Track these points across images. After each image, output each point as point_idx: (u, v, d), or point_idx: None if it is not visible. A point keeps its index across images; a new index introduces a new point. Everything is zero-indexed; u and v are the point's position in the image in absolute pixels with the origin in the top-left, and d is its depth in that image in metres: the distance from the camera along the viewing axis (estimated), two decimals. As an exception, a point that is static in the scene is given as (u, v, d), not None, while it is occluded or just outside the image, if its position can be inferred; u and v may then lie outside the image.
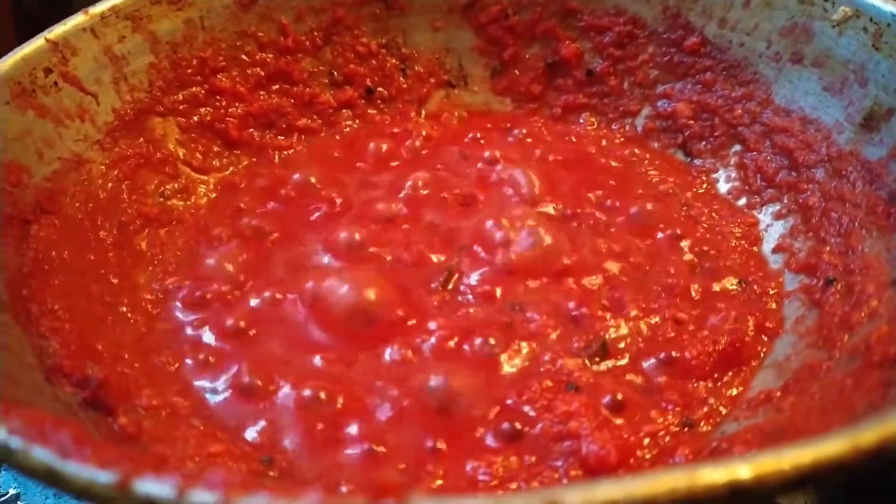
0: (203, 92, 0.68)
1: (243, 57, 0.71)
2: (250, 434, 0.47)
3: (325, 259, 0.60)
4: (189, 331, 0.54)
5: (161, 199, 0.63)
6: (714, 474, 0.25)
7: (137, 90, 0.65)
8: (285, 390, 0.50)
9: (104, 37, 0.63)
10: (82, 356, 0.46)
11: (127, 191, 0.61)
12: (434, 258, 0.59)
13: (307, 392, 0.49)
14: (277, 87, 0.72)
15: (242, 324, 0.54)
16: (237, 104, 0.70)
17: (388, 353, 0.52)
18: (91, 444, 0.28)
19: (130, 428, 0.42)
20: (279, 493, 0.24)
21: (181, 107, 0.67)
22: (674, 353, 0.50)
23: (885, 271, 0.49)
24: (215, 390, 0.50)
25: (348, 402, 0.49)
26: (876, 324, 0.46)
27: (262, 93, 0.71)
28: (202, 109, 0.68)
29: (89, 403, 0.43)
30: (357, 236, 0.60)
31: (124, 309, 0.54)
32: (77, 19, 0.61)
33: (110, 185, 0.60)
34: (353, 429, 0.47)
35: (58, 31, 0.59)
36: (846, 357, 0.46)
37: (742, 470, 0.25)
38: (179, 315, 0.55)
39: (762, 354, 0.51)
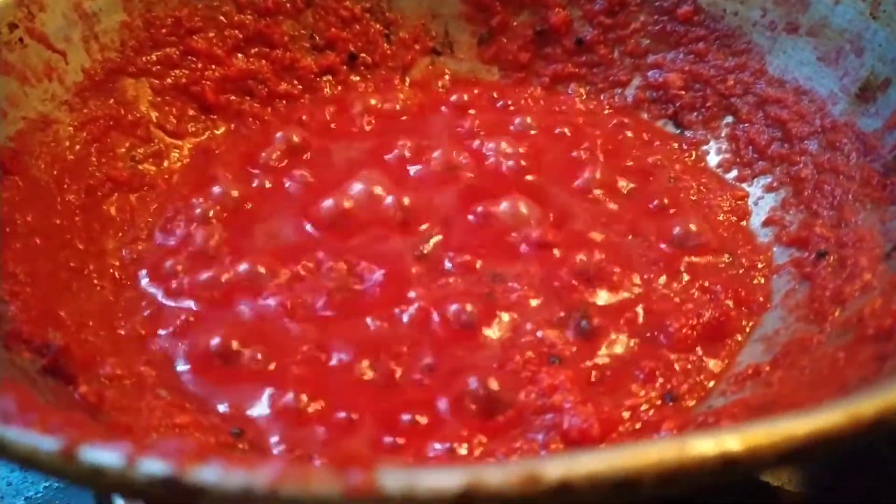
0: (178, 53, 0.65)
1: (221, 18, 0.68)
2: (220, 405, 0.45)
3: (306, 230, 0.58)
4: (159, 299, 0.52)
5: (132, 164, 0.60)
6: (705, 445, 0.23)
7: (108, 49, 0.62)
8: (259, 360, 0.48)
9: (74, -8, 0.60)
10: (44, 322, 0.44)
11: (96, 153, 0.58)
12: (417, 227, 0.57)
13: (277, 363, 0.47)
14: (256, 50, 0.69)
15: (216, 293, 0.52)
16: (214, 67, 0.67)
17: (369, 322, 0.50)
18: (38, 410, 0.26)
19: (92, 397, 0.40)
20: (236, 461, 0.22)
21: (154, 68, 0.64)
22: (657, 326, 0.49)
23: (878, 244, 0.48)
24: (185, 359, 0.48)
25: (324, 375, 0.47)
26: (869, 297, 0.45)
27: (240, 56, 0.69)
28: (177, 71, 0.65)
29: (49, 371, 0.41)
30: (340, 204, 0.58)
31: (91, 275, 0.52)
32: (45, -27, 0.58)
33: (78, 147, 0.57)
34: (326, 400, 0.45)
35: (24, -15, 0.57)
36: (838, 331, 0.44)
37: (735, 440, 0.24)
38: (149, 283, 0.53)
39: (748, 329, 0.49)
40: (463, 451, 0.43)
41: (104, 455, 0.24)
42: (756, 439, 0.23)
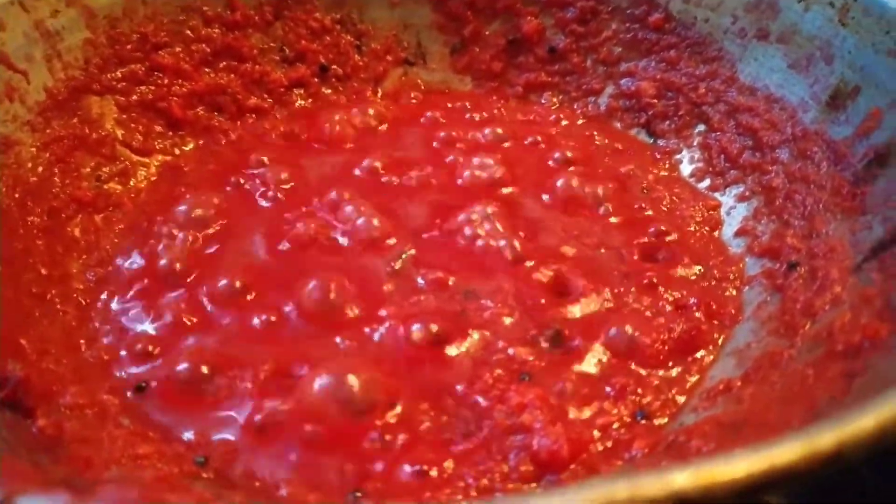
0: (144, 69, 0.65)
1: (188, 32, 0.67)
2: (185, 433, 0.45)
3: (277, 248, 0.57)
4: (124, 323, 0.51)
5: (97, 183, 0.59)
6: (657, 483, 0.23)
7: (72, 67, 0.61)
8: (225, 383, 0.47)
9: (35, 10, 0.59)
10: (4, 353, 0.43)
11: (60, 174, 0.57)
12: (389, 242, 0.57)
13: (248, 385, 0.47)
14: (225, 64, 0.69)
15: (183, 316, 0.52)
16: (181, 82, 0.66)
17: (339, 341, 0.50)
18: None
19: (50, 429, 0.40)
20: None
21: (120, 85, 0.63)
22: (629, 341, 0.48)
23: (848, 255, 0.48)
24: (149, 385, 0.47)
25: (296, 398, 0.47)
26: (839, 311, 0.44)
27: (208, 70, 0.68)
28: (143, 88, 0.64)
29: (6, 404, 0.40)
30: (310, 226, 0.57)
31: (54, 300, 0.51)
32: (4, -8, 0.57)
33: (41, 168, 0.56)
34: (294, 424, 0.45)
35: (-18, 4, 0.56)
36: (808, 345, 0.44)
37: (689, 478, 0.23)
38: (114, 306, 0.52)
39: (720, 342, 0.49)
40: (433, 473, 0.43)
41: (42, 506, 0.23)
42: (710, 476, 0.23)
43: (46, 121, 0.58)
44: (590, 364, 0.48)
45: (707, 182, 0.61)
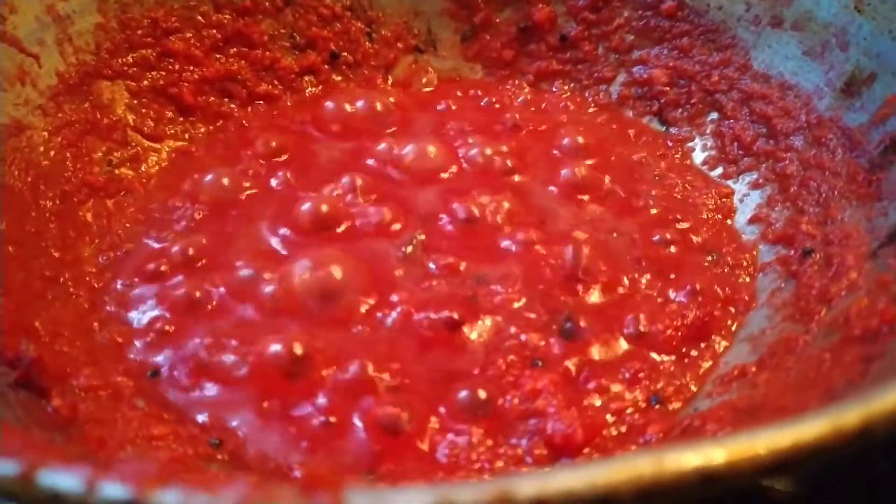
0: (154, 55, 0.64)
1: (198, 18, 0.67)
2: (199, 415, 0.45)
3: (287, 233, 0.57)
4: (137, 306, 0.51)
5: (109, 168, 0.59)
6: (682, 459, 0.23)
7: (83, 52, 0.61)
8: (240, 368, 0.47)
9: (46, -6, 0.59)
10: (17, 333, 0.43)
11: (71, 159, 0.57)
12: (398, 227, 0.56)
13: (261, 368, 0.47)
14: (235, 50, 0.68)
15: (196, 299, 0.51)
16: (192, 68, 0.66)
17: (352, 327, 0.49)
18: (-1, 431, 0.25)
19: (65, 410, 0.40)
20: (198, 485, 0.22)
21: (131, 70, 0.63)
22: (641, 328, 0.48)
23: (864, 241, 0.47)
24: (163, 367, 0.47)
25: (308, 380, 0.46)
26: (855, 296, 0.44)
27: (218, 56, 0.67)
28: (154, 73, 0.64)
29: (21, 384, 0.40)
30: (320, 207, 0.57)
31: (66, 284, 0.51)
32: (16, -24, 0.57)
33: (53, 152, 0.56)
34: (307, 408, 0.45)
35: (-6, -13, 0.56)
36: (824, 331, 0.44)
37: (715, 453, 0.23)
38: (127, 290, 0.52)
39: (733, 329, 0.49)
40: (446, 456, 0.43)
41: (63, 479, 0.23)
42: (737, 452, 0.23)
43: (58, 105, 0.58)
44: (602, 349, 0.48)
45: (720, 170, 0.61)
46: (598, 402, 0.45)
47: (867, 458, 0.46)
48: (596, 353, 0.48)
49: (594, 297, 0.51)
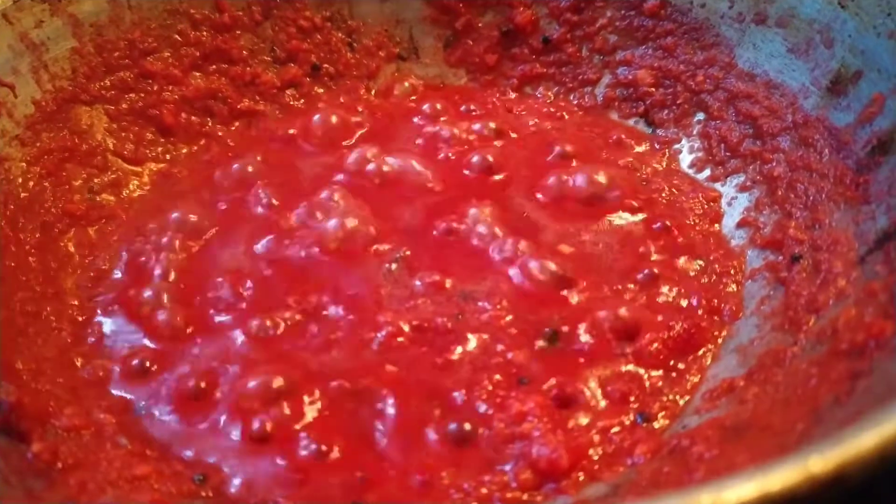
0: (132, 76, 0.64)
1: (176, 36, 0.66)
2: (185, 450, 0.44)
3: (271, 254, 0.56)
4: (120, 337, 0.51)
5: (89, 195, 0.59)
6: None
7: (59, 78, 0.60)
8: (223, 397, 0.47)
9: (19, 22, 0.58)
10: (-3, 376, 0.43)
11: (51, 188, 0.57)
12: (384, 247, 0.56)
13: (246, 398, 0.46)
14: (215, 67, 0.67)
15: (178, 328, 0.51)
16: (171, 88, 0.65)
17: (336, 350, 0.49)
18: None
19: (45, 454, 0.39)
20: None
21: (109, 93, 0.62)
22: (628, 341, 0.48)
23: (852, 247, 0.47)
24: (146, 401, 0.47)
25: (294, 410, 0.46)
26: (843, 305, 0.43)
27: (198, 74, 0.67)
28: (132, 95, 0.64)
29: (1, 430, 0.40)
30: (304, 229, 0.57)
31: (48, 318, 0.51)
32: (-13, 4, 0.57)
33: (32, 182, 0.56)
34: (294, 433, 0.44)
35: (-36, 18, 0.55)
36: (812, 342, 0.43)
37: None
38: (110, 321, 0.52)
39: (720, 340, 0.48)
40: (434, 481, 0.42)
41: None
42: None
43: (36, 134, 0.58)
44: (588, 366, 0.47)
45: (707, 172, 0.60)
46: (583, 422, 0.44)
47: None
48: (582, 369, 0.47)
49: (579, 312, 0.50)
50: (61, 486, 0.38)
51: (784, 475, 0.22)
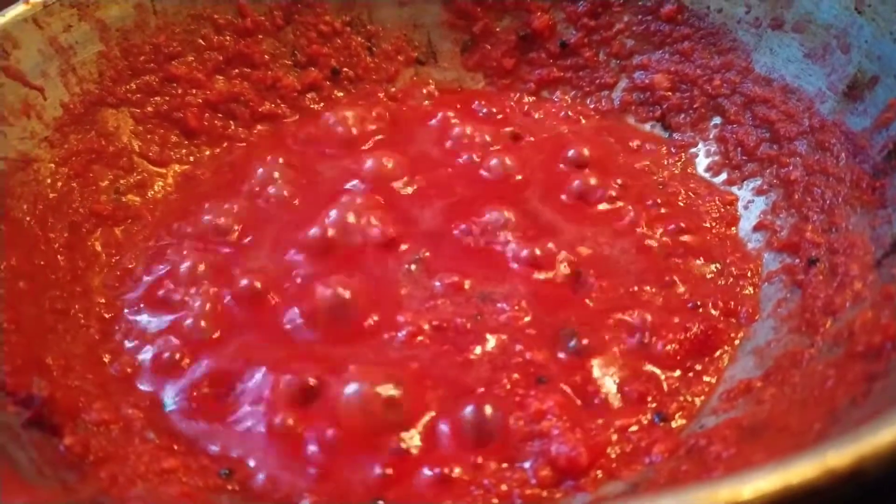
0: (157, 80, 0.65)
1: (199, 41, 0.67)
2: (212, 445, 0.45)
3: (294, 254, 0.57)
4: (148, 334, 0.52)
5: (116, 196, 0.60)
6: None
7: (87, 81, 0.62)
8: (249, 394, 0.48)
9: (48, 27, 0.60)
10: (28, 371, 0.44)
11: (79, 189, 0.58)
12: (403, 246, 0.57)
13: (270, 393, 0.47)
14: (237, 71, 0.69)
15: (204, 325, 0.52)
16: (195, 91, 0.67)
17: (358, 348, 0.50)
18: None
19: (77, 447, 0.40)
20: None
21: (135, 97, 0.64)
22: (645, 342, 0.48)
23: (869, 251, 0.47)
24: (175, 397, 0.48)
25: (318, 407, 0.47)
26: (860, 308, 0.44)
27: (221, 78, 0.68)
28: (157, 98, 0.65)
29: (33, 423, 0.41)
30: (325, 229, 0.58)
31: (77, 315, 0.52)
32: (18, 9, 0.58)
33: (60, 183, 0.57)
34: (317, 434, 0.45)
35: (-3, 22, 0.56)
36: (829, 344, 0.44)
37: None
38: (137, 318, 0.53)
39: (736, 342, 0.49)
40: (454, 477, 0.43)
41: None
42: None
43: (64, 136, 0.59)
44: (606, 366, 0.48)
45: (724, 176, 0.61)
46: (601, 421, 0.45)
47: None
48: (600, 369, 0.48)
49: (598, 312, 0.50)
50: (93, 478, 0.39)
51: (803, 469, 0.23)
